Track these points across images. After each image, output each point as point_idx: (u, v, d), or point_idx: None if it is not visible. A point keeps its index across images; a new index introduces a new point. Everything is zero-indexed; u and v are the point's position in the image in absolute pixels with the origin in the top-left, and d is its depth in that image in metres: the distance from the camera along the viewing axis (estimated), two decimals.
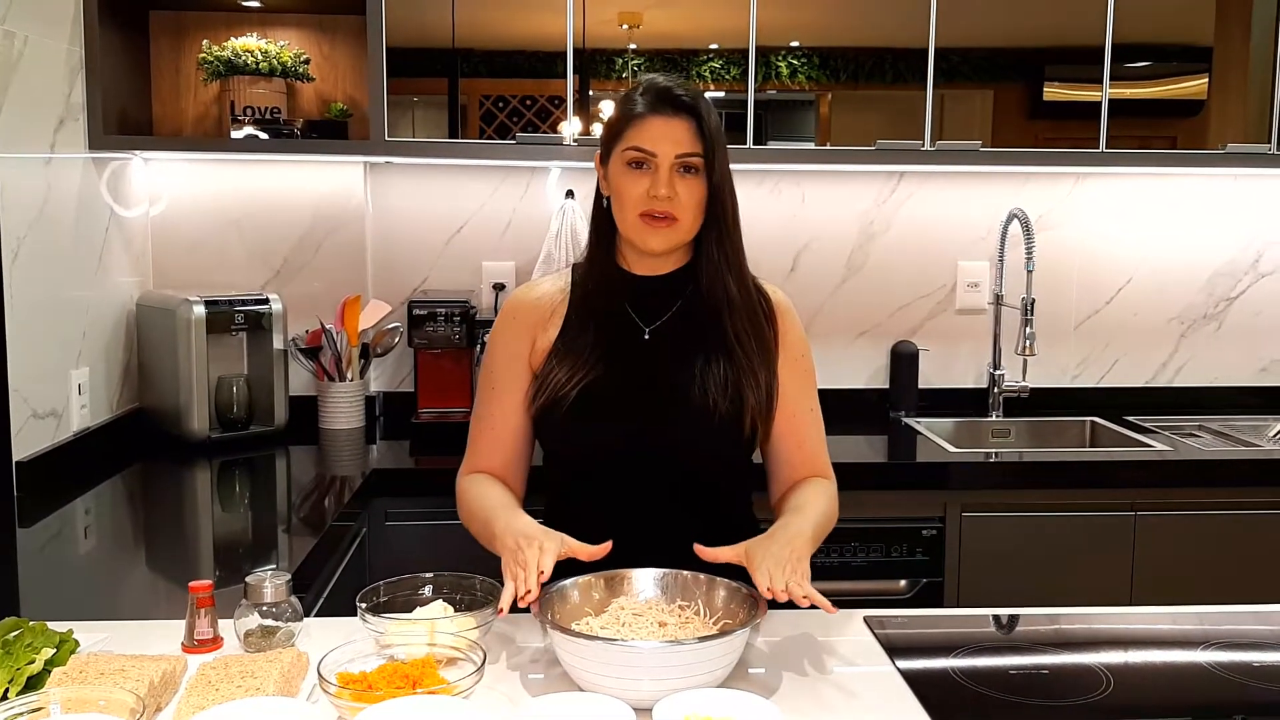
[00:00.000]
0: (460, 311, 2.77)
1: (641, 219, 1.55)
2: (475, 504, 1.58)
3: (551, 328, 1.64)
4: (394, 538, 2.38)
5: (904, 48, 2.69)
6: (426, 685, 1.18)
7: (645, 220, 1.55)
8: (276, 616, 1.35)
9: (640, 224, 1.55)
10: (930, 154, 2.72)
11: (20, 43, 2.21)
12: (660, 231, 1.55)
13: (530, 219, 2.97)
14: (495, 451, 1.65)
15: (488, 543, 1.51)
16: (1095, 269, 3.13)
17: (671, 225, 1.55)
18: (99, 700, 1.11)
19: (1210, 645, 1.44)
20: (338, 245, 2.91)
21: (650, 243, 1.56)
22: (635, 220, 1.55)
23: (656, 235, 1.55)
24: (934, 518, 2.49)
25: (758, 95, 2.68)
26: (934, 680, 1.33)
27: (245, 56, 2.70)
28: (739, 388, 1.56)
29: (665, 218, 1.54)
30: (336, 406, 2.81)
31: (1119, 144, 2.75)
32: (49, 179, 2.33)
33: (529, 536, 1.39)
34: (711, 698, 1.16)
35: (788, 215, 3.04)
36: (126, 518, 2.24)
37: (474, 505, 1.59)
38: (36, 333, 2.25)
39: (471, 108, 2.68)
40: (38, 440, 2.25)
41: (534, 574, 1.31)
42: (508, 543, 1.40)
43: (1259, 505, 2.54)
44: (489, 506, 1.54)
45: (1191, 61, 2.77)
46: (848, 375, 3.09)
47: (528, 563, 1.33)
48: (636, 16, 2.65)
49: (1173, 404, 3.13)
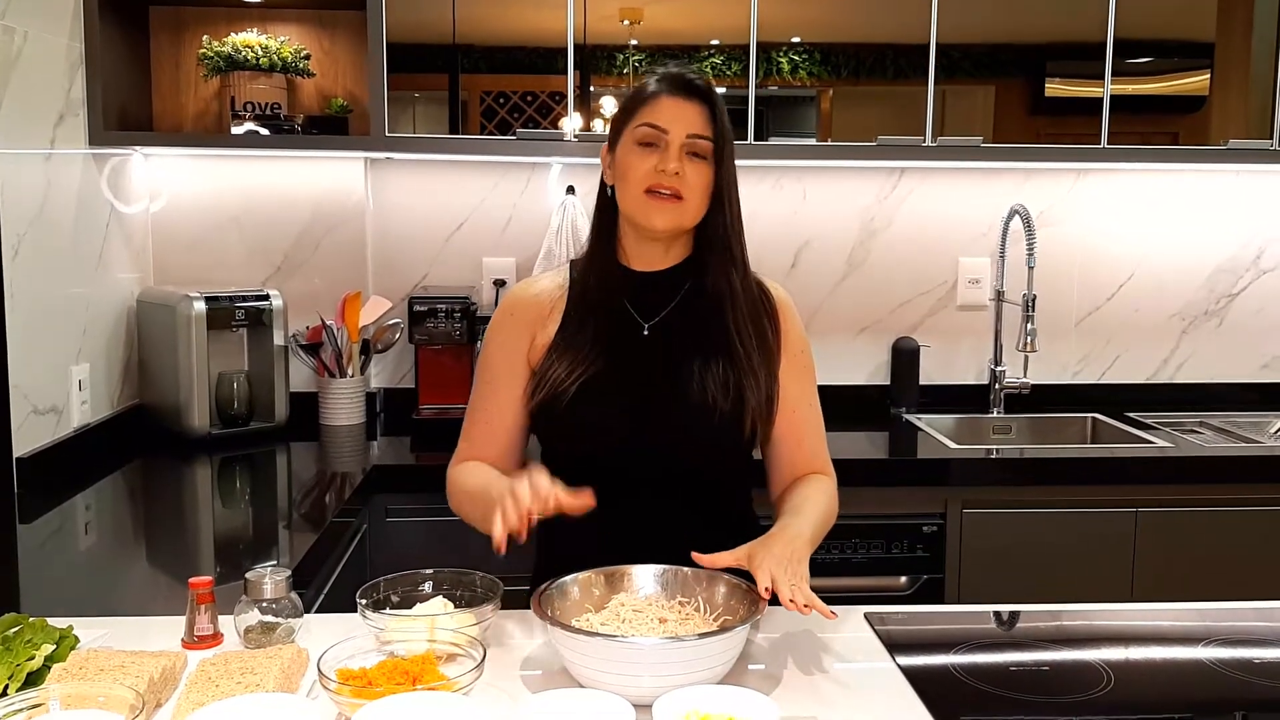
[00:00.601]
0: (461, 308, 2.77)
1: (647, 194, 1.53)
2: (469, 481, 1.57)
3: (551, 324, 1.63)
4: (394, 534, 2.38)
5: (905, 43, 2.69)
6: (426, 682, 1.17)
7: (651, 196, 1.53)
8: (276, 613, 1.35)
9: (645, 199, 1.53)
10: (931, 150, 2.72)
11: (20, 38, 2.20)
12: (665, 208, 1.53)
13: (531, 215, 2.97)
14: (490, 443, 1.64)
15: (482, 516, 1.43)
16: (1096, 265, 3.12)
17: (676, 204, 1.53)
18: (99, 696, 1.11)
19: (1211, 641, 1.44)
20: (338, 241, 2.90)
21: (653, 219, 1.54)
22: (640, 196, 1.53)
23: (661, 212, 1.53)
24: (935, 514, 2.49)
25: (759, 91, 2.67)
26: (934, 677, 1.33)
27: (245, 52, 2.70)
28: (740, 388, 1.56)
29: (671, 194, 1.53)
30: (337, 403, 2.82)
31: (1120, 140, 2.74)
32: (49, 175, 2.33)
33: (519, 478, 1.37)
34: (712, 694, 1.16)
35: (789, 211, 3.04)
36: (127, 514, 2.24)
37: (467, 483, 1.57)
38: (37, 329, 2.25)
39: (472, 103, 2.68)
40: (38, 436, 2.25)
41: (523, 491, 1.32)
42: (500, 487, 1.37)
43: (1260, 501, 2.54)
44: (485, 480, 1.52)
45: (1193, 57, 2.77)
46: (849, 371, 3.09)
47: (517, 490, 1.33)
48: (637, 12, 2.65)
49: (1174, 400, 3.12)
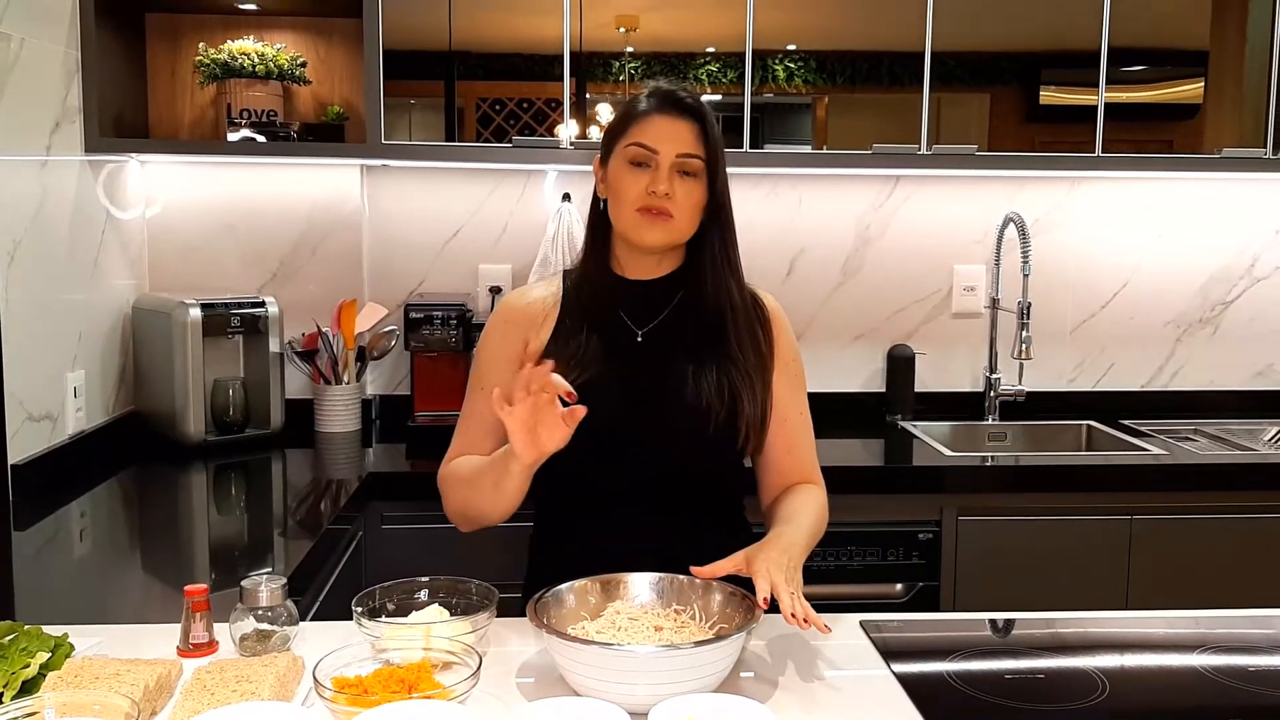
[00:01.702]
0: (456, 315, 2.77)
1: (638, 213, 1.55)
2: (463, 469, 1.58)
3: (544, 331, 1.64)
4: (390, 541, 2.38)
5: (900, 51, 2.70)
6: (422, 690, 1.17)
7: (642, 214, 1.55)
8: (272, 620, 1.35)
9: (637, 218, 1.56)
10: (927, 158, 2.72)
11: (16, 45, 2.20)
12: (656, 226, 1.55)
13: (527, 222, 2.97)
14: (481, 447, 1.62)
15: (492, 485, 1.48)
16: (1091, 273, 3.13)
17: (667, 222, 1.55)
18: (94, 705, 1.10)
19: (1206, 649, 1.44)
20: (334, 248, 2.90)
21: (646, 237, 1.56)
22: (632, 215, 1.56)
23: (653, 229, 1.56)
24: (930, 521, 2.49)
25: (754, 99, 2.68)
26: (929, 684, 1.33)
27: (241, 59, 2.70)
28: (734, 395, 1.56)
29: (662, 213, 1.54)
30: (332, 410, 2.81)
31: (1115, 148, 2.75)
32: (45, 182, 2.33)
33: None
34: (707, 702, 1.16)
35: (784, 219, 3.04)
36: (122, 521, 2.24)
37: (461, 470, 1.59)
38: (32, 335, 2.25)
39: (468, 111, 2.68)
40: (33, 443, 2.24)
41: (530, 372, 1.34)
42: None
43: (1254, 509, 2.54)
44: (480, 461, 1.54)
45: (1187, 66, 2.78)
46: (844, 379, 3.09)
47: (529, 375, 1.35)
48: (633, 20, 2.65)
49: (1168, 408, 3.13)
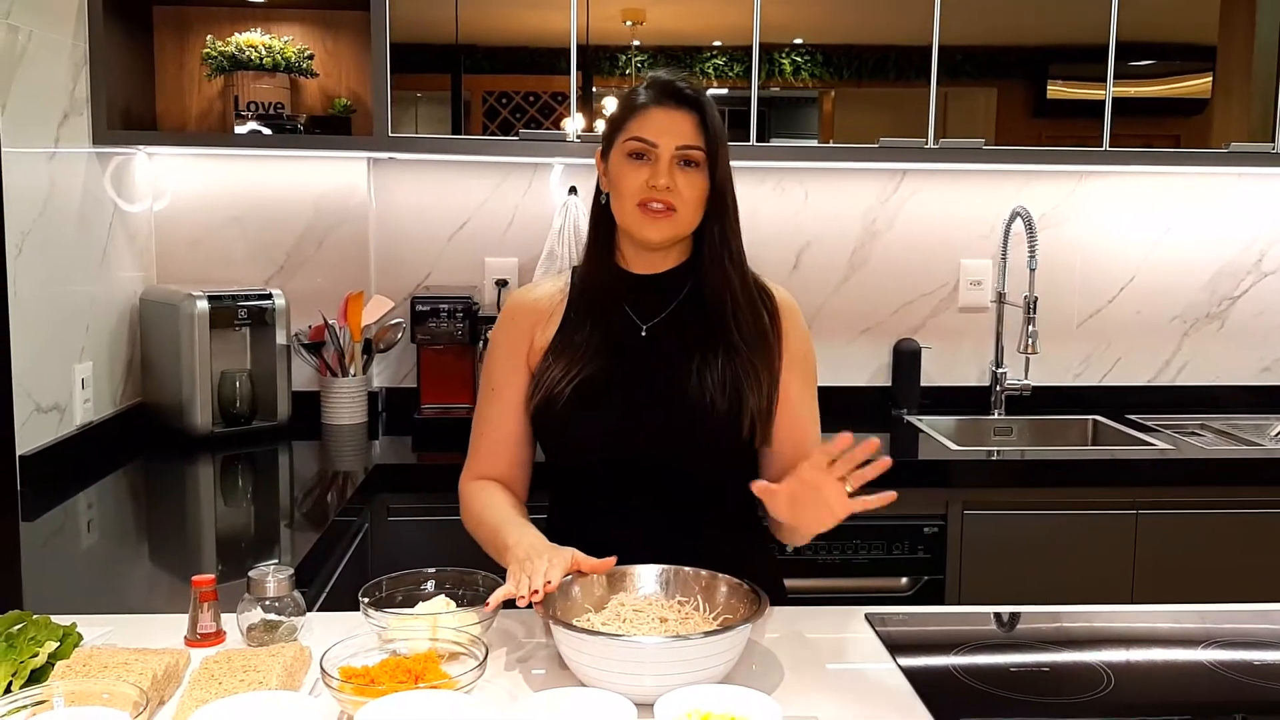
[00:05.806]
0: (463, 308, 2.77)
1: (640, 209, 1.54)
2: (484, 513, 1.58)
3: (550, 327, 1.63)
4: (396, 533, 2.39)
5: (908, 45, 2.69)
6: (429, 680, 1.18)
7: (643, 210, 1.54)
8: (279, 611, 1.35)
9: (638, 214, 1.54)
10: (933, 152, 2.72)
11: (25, 37, 2.21)
12: (658, 222, 1.54)
13: (533, 215, 2.97)
14: (499, 455, 1.65)
15: (496, 553, 1.51)
16: (1098, 267, 3.12)
17: (669, 217, 1.54)
18: (102, 693, 1.11)
19: (1211, 644, 1.44)
20: (341, 241, 2.91)
21: (648, 234, 1.55)
22: (633, 210, 1.54)
23: (655, 226, 1.54)
24: (936, 515, 2.49)
25: (761, 92, 2.67)
26: (935, 678, 1.33)
27: (249, 52, 2.70)
28: (739, 388, 1.55)
29: (664, 209, 1.53)
30: (339, 402, 2.82)
31: (1122, 142, 2.74)
32: (53, 174, 2.33)
33: (539, 551, 1.40)
34: (713, 693, 1.16)
35: (790, 213, 3.04)
36: (129, 512, 2.25)
37: (482, 515, 1.59)
38: (40, 327, 2.25)
39: (475, 104, 2.68)
40: (41, 434, 2.25)
41: (540, 579, 1.32)
42: (518, 554, 1.41)
43: (1260, 504, 2.54)
44: (499, 518, 1.54)
45: (1195, 60, 2.77)
46: (850, 373, 3.09)
47: (535, 571, 1.34)
48: (640, 13, 2.65)
49: (1175, 403, 3.12)
